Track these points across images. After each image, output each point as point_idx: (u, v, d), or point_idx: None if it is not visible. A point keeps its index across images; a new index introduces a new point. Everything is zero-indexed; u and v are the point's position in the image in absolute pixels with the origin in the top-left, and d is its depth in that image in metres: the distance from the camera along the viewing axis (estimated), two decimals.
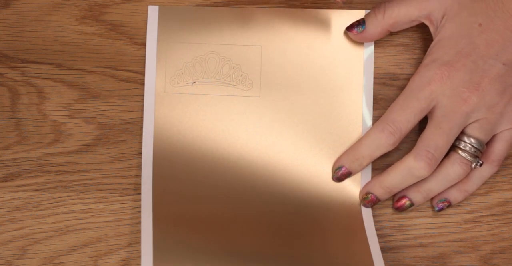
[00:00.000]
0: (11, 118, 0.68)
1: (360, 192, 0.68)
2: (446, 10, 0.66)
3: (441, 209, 0.68)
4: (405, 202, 0.68)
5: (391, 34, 0.69)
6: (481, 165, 0.66)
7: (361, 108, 0.69)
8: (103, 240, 0.67)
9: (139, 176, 0.68)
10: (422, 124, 0.67)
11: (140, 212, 0.67)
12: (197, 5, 0.70)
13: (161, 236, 0.63)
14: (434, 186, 0.67)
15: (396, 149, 0.68)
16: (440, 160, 0.65)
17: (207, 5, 0.70)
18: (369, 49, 0.70)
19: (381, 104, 0.69)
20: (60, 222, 0.67)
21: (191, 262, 0.62)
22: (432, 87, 0.65)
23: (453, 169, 0.66)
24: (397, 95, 0.68)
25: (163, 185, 0.67)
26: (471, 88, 0.64)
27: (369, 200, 0.68)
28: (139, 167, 0.68)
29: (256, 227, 0.66)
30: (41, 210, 0.67)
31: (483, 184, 0.68)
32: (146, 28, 0.69)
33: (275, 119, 0.69)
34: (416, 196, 0.67)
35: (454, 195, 0.68)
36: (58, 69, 0.69)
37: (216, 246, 0.64)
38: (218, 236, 0.65)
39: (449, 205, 0.68)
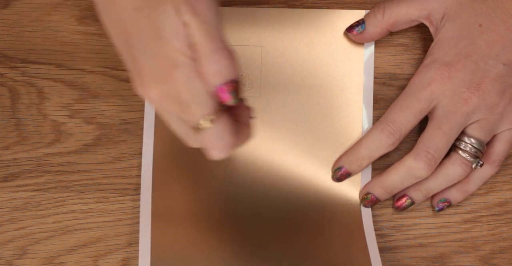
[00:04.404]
0: (11, 118, 0.68)
1: (360, 192, 0.69)
2: (446, 11, 0.66)
3: (441, 209, 0.68)
4: (405, 200, 0.68)
5: (391, 34, 0.70)
6: (481, 165, 0.66)
7: (361, 108, 0.69)
8: (103, 240, 0.67)
9: (139, 176, 0.68)
10: (423, 124, 0.67)
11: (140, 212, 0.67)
12: None
13: (159, 236, 0.63)
14: (434, 185, 0.67)
15: (396, 149, 0.68)
16: (440, 160, 0.65)
17: None
18: (369, 49, 0.70)
19: (381, 104, 0.69)
20: (60, 222, 0.67)
21: (189, 263, 0.62)
22: (433, 87, 0.65)
23: (454, 169, 0.66)
24: (397, 95, 0.68)
25: (163, 185, 0.67)
26: (471, 88, 0.64)
27: (369, 200, 0.68)
28: (139, 167, 0.68)
29: (255, 227, 0.66)
30: (41, 210, 0.67)
31: (483, 184, 0.68)
32: None
33: (275, 119, 0.69)
34: (416, 194, 0.67)
35: (454, 195, 0.68)
36: (58, 69, 0.69)
37: (214, 246, 0.64)
38: (217, 236, 0.65)
39: (449, 205, 0.68)
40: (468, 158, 0.65)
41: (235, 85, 0.54)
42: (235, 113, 0.57)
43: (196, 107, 0.54)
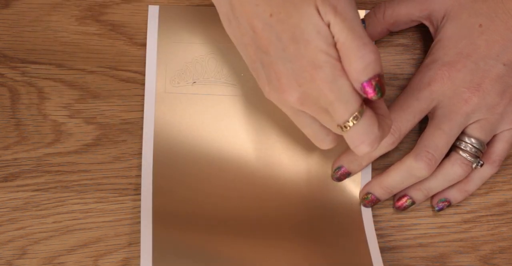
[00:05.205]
0: (11, 118, 0.68)
1: (360, 192, 0.69)
2: (446, 11, 0.66)
3: (441, 209, 0.68)
4: (406, 200, 0.68)
5: (391, 34, 0.70)
6: (481, 165, 0.66)
7: None
8: (103, 240, 0.67)
9: (139, 176, 0.68)
10: (423, 124, 0.67)
11: (140, 212, 0.67)
12: (198, 5, 0.70)
13: (160, 236, 0.63)
14: (435, 185, 0.67)
15: (396, 149, 0.68)
16: (440, 160, 0.65)
17: (207, 5, 0.70)
18: None
19: None
20: (60, 222, 0.67)
21: (190, 262, 0.62)
22: (433, 87, 0.65)
23: (454, 169, 0.66)
24: (397, 95, 0.68)
25: (163, 185, 0.67)
26: (471, 88, 0.65)
27: (369, 200, 0.68)
28: (139, 167, 0.68)
29: (255, 227, 0.66)
30: (41, 210, 0.67)
31: (483, 184, 0.68)
32: (146, 28, 0.69)
33: (275, 119, 0.69)
34: (417, 194, 0.67)
35: (454, 195, 0.68)
36: (58, 69, 0.69)
37: (215, 246, 0.64)
38: (218, 236, 0.65)
39: (449, 205, 0.68)
40: (469, 158, 0.65)
41: (380, 79, 0.54)
42: (373, 106, 0.58)
43: (342, 106, 0.55)
